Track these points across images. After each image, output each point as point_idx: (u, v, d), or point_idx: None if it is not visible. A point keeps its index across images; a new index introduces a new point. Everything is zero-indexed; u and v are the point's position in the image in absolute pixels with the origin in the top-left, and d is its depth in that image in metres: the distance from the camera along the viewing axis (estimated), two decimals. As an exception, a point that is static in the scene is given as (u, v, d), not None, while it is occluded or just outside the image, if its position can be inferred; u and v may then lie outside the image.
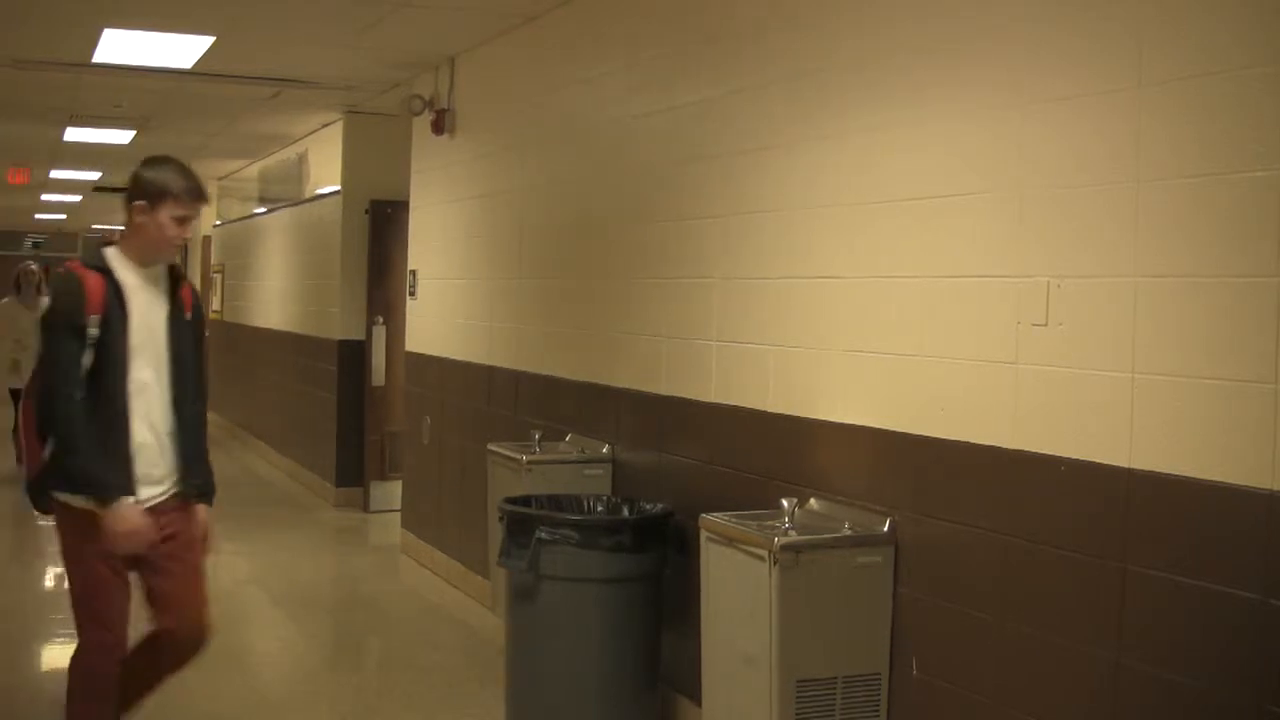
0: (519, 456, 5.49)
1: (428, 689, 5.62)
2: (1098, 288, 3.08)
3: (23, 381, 10.77)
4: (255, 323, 13.41)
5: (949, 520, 3.56)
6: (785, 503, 3.93)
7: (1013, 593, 3.33)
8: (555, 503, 5.00)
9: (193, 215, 3.99)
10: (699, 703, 4.25)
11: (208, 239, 16.63)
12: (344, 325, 9.96)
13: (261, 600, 7.34)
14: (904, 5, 3.79)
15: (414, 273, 8.26)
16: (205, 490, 4.08)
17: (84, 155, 13.13)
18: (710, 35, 4.80)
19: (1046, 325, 3.22)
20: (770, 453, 4.36)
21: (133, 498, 3.82)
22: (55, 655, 6.15)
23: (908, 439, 3.70)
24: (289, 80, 8.50)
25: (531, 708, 4.77)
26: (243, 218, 14.10)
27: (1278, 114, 2.67)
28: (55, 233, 29.20)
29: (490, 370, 6.83)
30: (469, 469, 6.90)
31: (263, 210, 13.02)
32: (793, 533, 3.81)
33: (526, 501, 4.97)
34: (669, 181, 5.05)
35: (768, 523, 3.91)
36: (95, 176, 15.76)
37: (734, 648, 3.88)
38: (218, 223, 15.79)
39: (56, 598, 7.38)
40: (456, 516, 7.32)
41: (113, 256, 3.95)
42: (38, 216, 24.30)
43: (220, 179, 15.63)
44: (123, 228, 4.00)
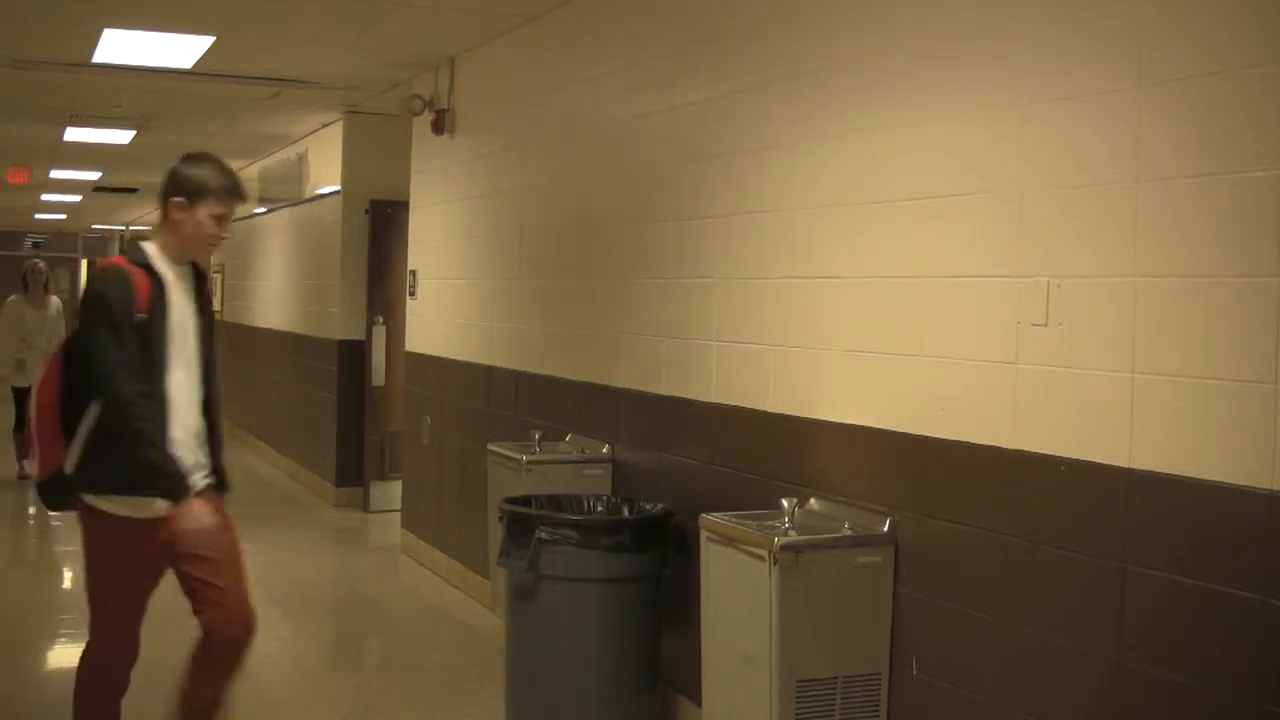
0: (519, 456, 5.49)
1: (428, 689, 5.62)
2: (1098, 288, 3.08)
3: (29, 380, 10.76)
4: (255, 323, 13.41)
5: (949, 520, 3.56)
6: (785, 503, 3.93)
7: (1013, 593, 3.33)
8: (555, 503, 5.01)
9: (230, 213, 3.98)
10: (699, 703, 4.25)
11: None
12: (344, 325, 9.96)
13: (261, 600, 7.23)
14: (904, 5, 3.79)
15: (414, 273, 8.26)
16: (228, 484, 4.12)
17: (84, 155, 13.13)
18: (710, 35, 4.80)
19: (1046, 325, 3.22)
20: (770, 453, 4.36)
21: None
22: (59, 655, 6.16)
23: (908, 439, 3.70)
24: (289, 80, 8.50)
25: (531, 708, 4.77)
26: (243, 218, 14.10)
27: (1278, 114, 2.67)
28: (55, 233, 29.22)
29: (490, 370, 6.83)
30: (469, 469, 6.90)
31: (263, 210, 13.03)
32: (793, 533, 3.81)
33: (526, 501, 4.97)
34: (669, 181, 5.05)
35: (768, 523, 3.91)
36: (95, 176, 15.76)
37: (734, 648, 3.88)
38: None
39: (58, 598, 7.39)
40: (456, 516, 7.32)
41: (153, 253, 3.92)
42: (38, 216, 24.30)
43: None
44: (158, 223, 3.95)
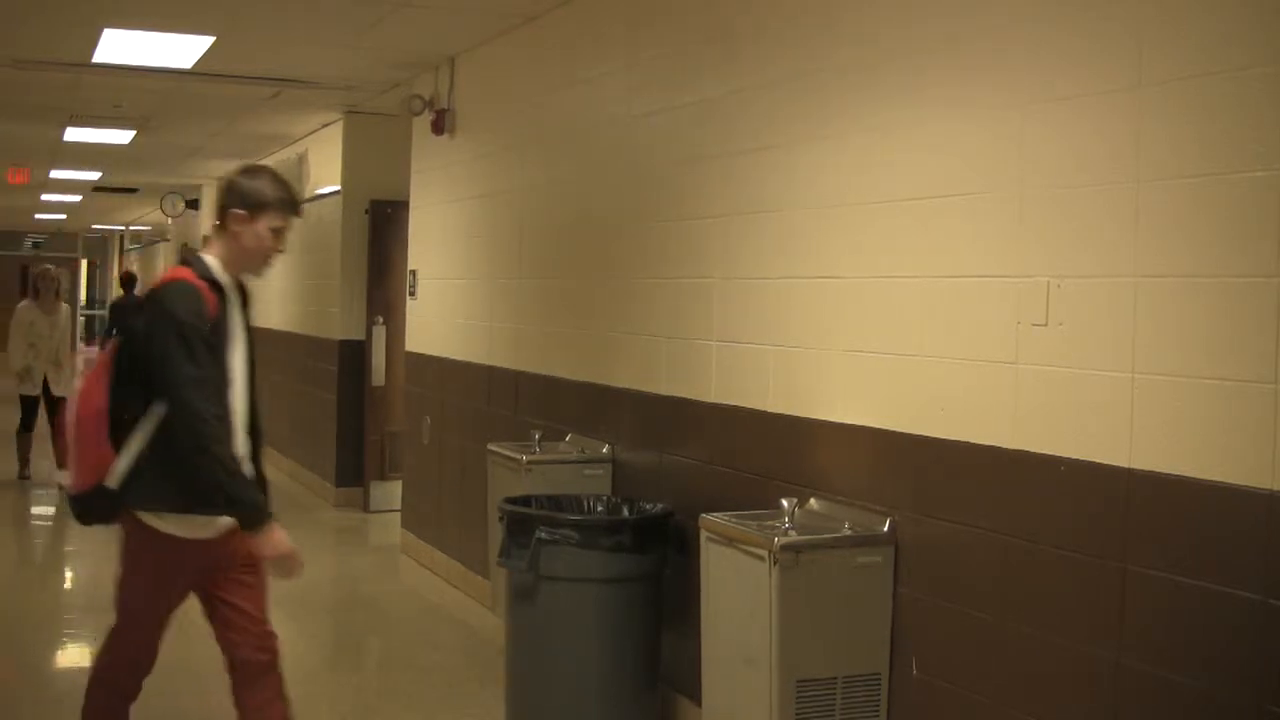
0: (519, 456, 5.49)
1: (428, 689, 5.62)
2: (1098, 288, 3.08)
3: (36, 389, 10.63)
4: (255, 323, 13.38)
5: (949, 520, 3.56)
6: (785, 503, 3.93)
7: (1013, 593, 3.33)
8: (555, 503, 5.00)
9: (288, 227, 3.87)
10: (699, 703, 4.25)
11: (208, 239, 16.58)
12: (344, 325, 9.96)
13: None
14: (904, 5, 3.79)
15: (414, 273, 8.26)
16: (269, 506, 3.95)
17: (84, 155, 13.12)
18: (710, 35, 4.80)
19: (1046, 325, 3.22)
20: (770, 453, 4.36)
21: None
22: (62, 656, 6.15)
23: (908, 439, 3.70)
24: (289, 80, 8.50)
25: (531, 708, 4.77)
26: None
27: (1278, 114, 2.67)
28: (55, 233, 29.25)
29: (490, 370, 6.83)
30: (469, 469, 6.90)
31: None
32: (793, 533, 3.81)
33: (526, 501, 4.97)
34: (669, 181, 5.05)
35: (768, 523, 3.91)
36: (95, 176, 15.75)
37: (734, 648, 3.88)
38: (217, 223, 15.76)
39: (61, 599, 7.39)
40: (456, 516, 7.32)
41: (215, 267, 3.80)
42: (38, 216, 24.31)
43: (220, 179, 15.64)
44: (213, 237, 3.81)
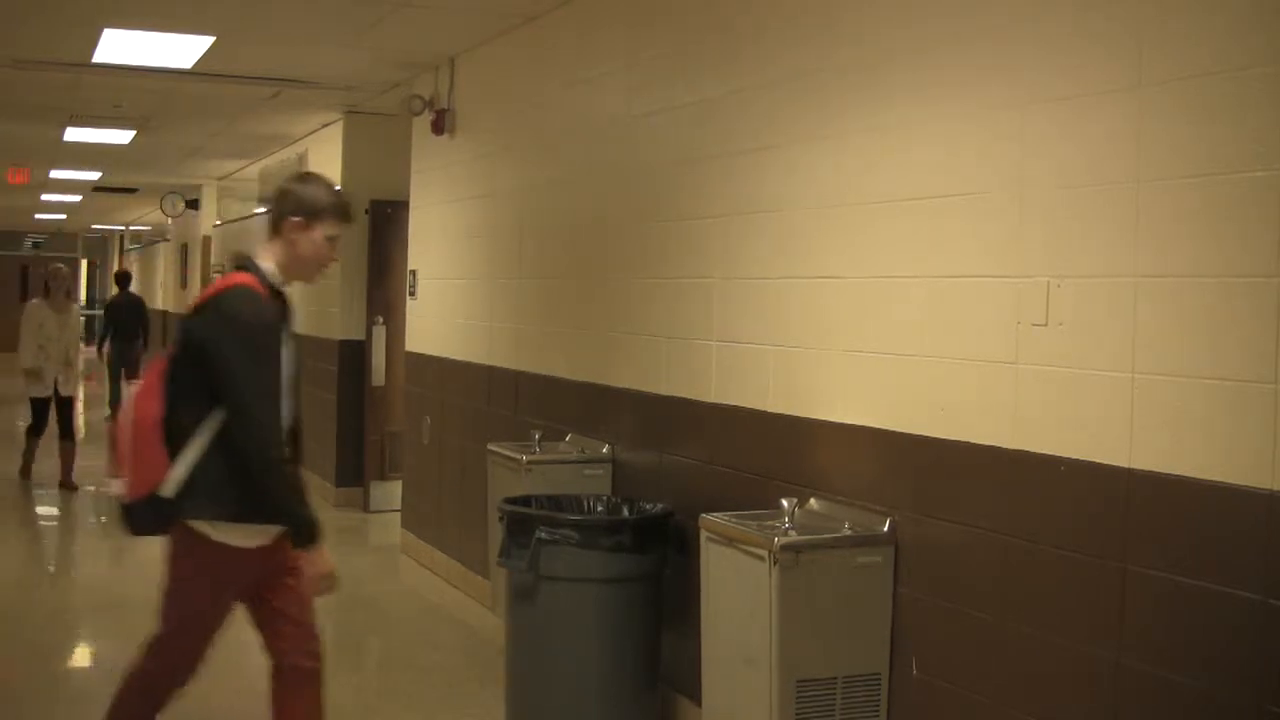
0: (519, 456, 5.49)
1: (428, 689, 5.62)
2: (1098, 288, 3.08)
3: (47, 390, 10.51)
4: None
5: (949, 520, 3.56)
6: (785, 503, 3.93)
7: (1013, 593, 3.33)
8: (555, 503, 5.00)
9: (341, 235, 3.83)
10: (699, 703, 4.25)
11: (208, 239, 16.63)
12: (344, 325, 9.96)
13: (261, 600, 7.31)
14: (904, 5, 3.79)
15: (414, 273, 8.26)
16: None
17: (84, 155, 13.13)
18: (710, 35, 4.80)
19: (1046, 325, 3.22)
20: (770, 453, 4.36)
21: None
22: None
23: (908, 439, 3.70)
24: (289, 80, 8.50)
25: (531, 708, 4.77)
26: (243, 218, 14.10)
27: (1278, 114, 2.67)
28: (55, 233, 29.26)
29: (490, 370, 6.83)
30: (469, 469, 6.90)
31: (263, 210, 13.01)
32: (793, 533, 3.81)
33: (526, 501, 4.97)
34: (669, 181, 5.05)
35: (768, 523, 3.91)
36: (95, 176, 15.76)
37: (734, 648, 3.88)
38: (218, 222, 15.78)
39: (69, 599, 7.38)
40: (456, 516, 7.32)
41: (274, 274, 3.75)
42: (38, 216, 24.31)
43: (220, 179, 15.63)
44: (267, 244, 3.77)
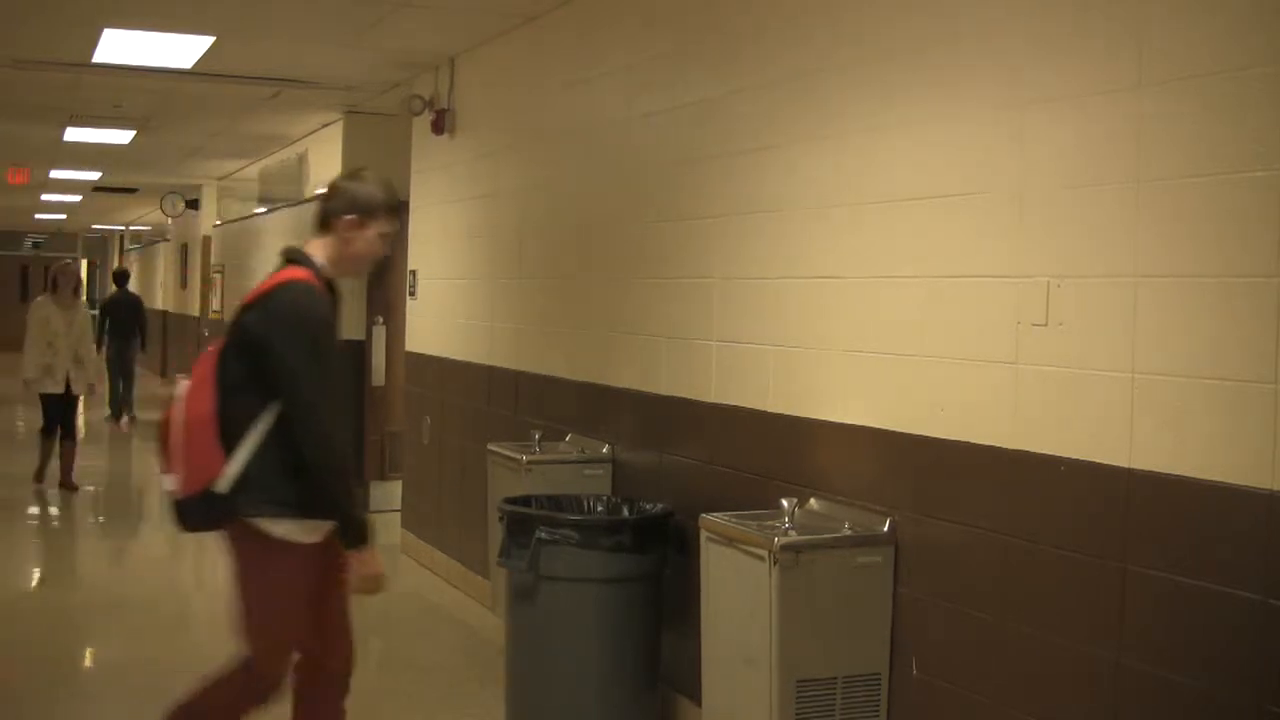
0: (519, 456, 5.49)
1: (428, 689, 5.62)
2: (1098, 288, 3.08)
3: (58, 387, 10.48)
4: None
5: (949, 520, 3.56)
6: (785, 503, 3.93)
7: (1013, 593, 3.33)
8: (555, 503, 5.00)
9: (394, 233, 3.85)
10: (699, 703, 4.25)
11: (208, 239, 16.63)
12: (344, 325, 9.91)
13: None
14: (904, 5, 3.79)
15: (414, 273, 8.26)
16: None
17: (84, 155, 13.13)
18: (710, 35, 4.80)
19: (1046, 325, 3.22)
20: (770, 453, 4.36)
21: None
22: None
23: (908, 439, 3.70)
24: (289, 80, 8.50)
25: (531, 708, 4.77)
26: (243, 218, 14.10)
27: (1278, 114, 2.67)
28: (55, 233, 29.26)
29: (490, 370, 6.83)
30: (469, 469, 6.90)
31: (263, 210, 13.02)
32: (793, 533, 3.81)
33: (526, 501, 4.97)
34: (669, 181, 5.05)
35: (768, 523, 3.91)
36: (95, 176, 15.76)
37: (734, 648, 3.88)
38: (218, 223, 15.78)
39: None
40: (456, 516, 7.32)
41: (327, 270, 3.76)
42: (38, 216, 24.31)
43: (220, 179, 15.63)
44: (317, 240, 3.79)
